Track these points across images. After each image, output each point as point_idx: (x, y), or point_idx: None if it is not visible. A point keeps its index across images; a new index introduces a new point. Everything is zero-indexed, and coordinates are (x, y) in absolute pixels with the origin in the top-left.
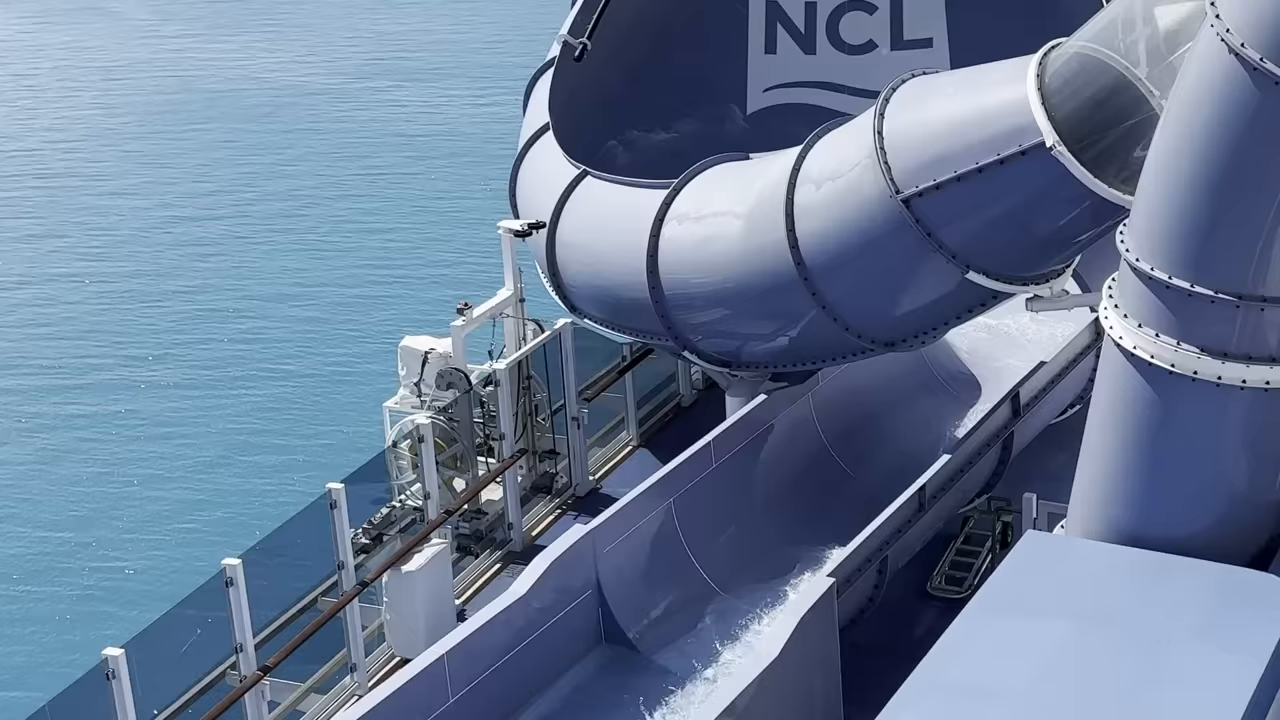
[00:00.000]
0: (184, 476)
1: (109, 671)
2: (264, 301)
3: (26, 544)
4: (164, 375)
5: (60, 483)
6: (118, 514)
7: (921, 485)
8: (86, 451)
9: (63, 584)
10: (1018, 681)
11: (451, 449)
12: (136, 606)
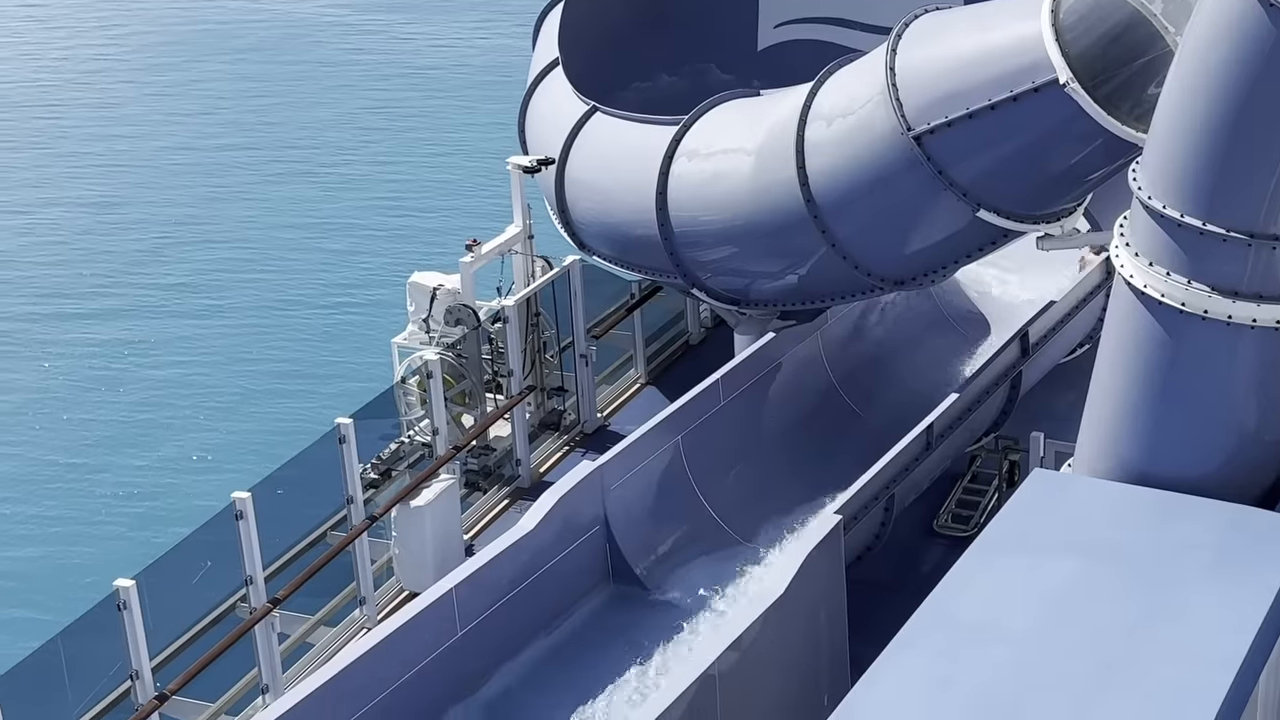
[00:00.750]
0: (193, 408)
1: (120, 602)
2: (272, 234)
3: (38, 468)
4: (173, 306)
5: (71, 409)
6: (127, 443)
7: (929, 424)
8: (96, 380)
9: (73, 511)
10: (1023, 618)
11: (460, 385)
12: (147, 537)
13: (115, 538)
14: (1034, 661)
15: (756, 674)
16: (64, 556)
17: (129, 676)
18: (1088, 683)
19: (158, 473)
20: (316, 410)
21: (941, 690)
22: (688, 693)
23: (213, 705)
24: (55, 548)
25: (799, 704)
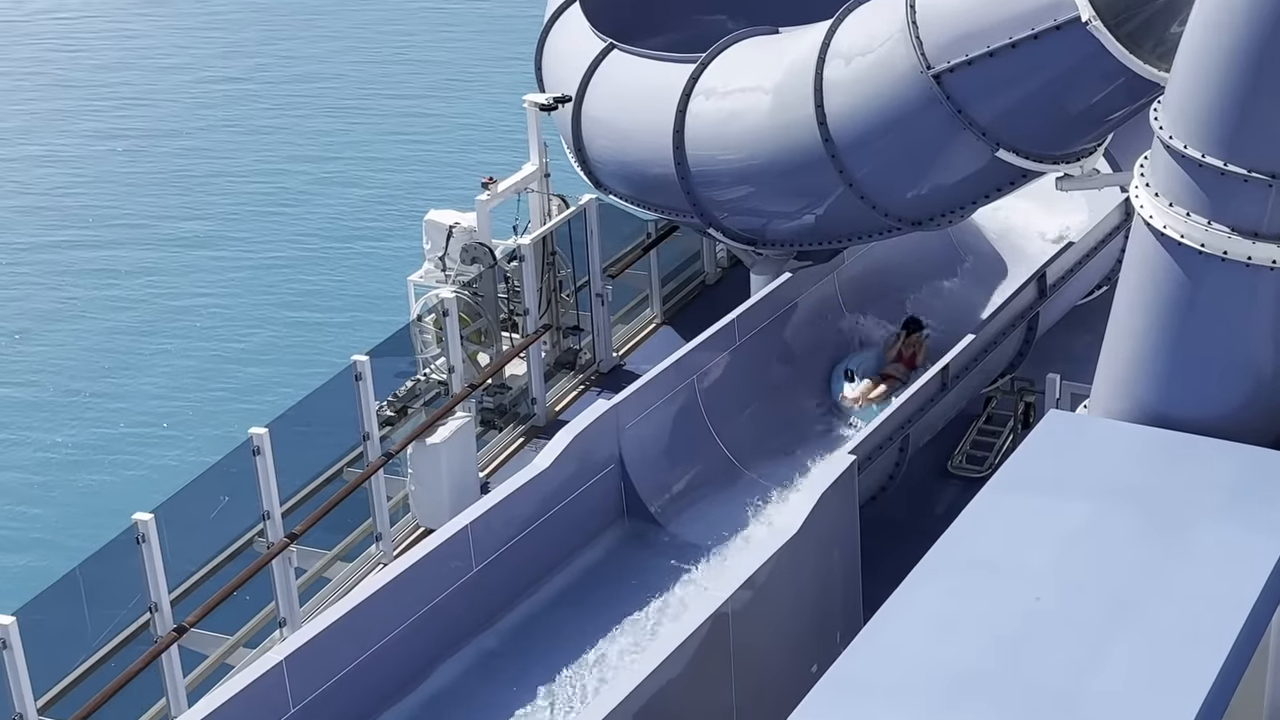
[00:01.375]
0: (211, 344)
1: (139, 535)
2: (288, 169)
3: (55, 396)
4: (190, 238)
5: (89, 339)
6: (146, 376)
7: (944, 365)
8: (115, 311)
9: (92, 442)
10: (1037, 558)
11: (476, 324)
12: (165, 470)
13: (133, 470)
14: (1046, 601)
15: (769, 612)
16: (83, 487)
17: (148, 609)
18: (1100, 623)
19: (175, 406)
20: (333, 347)
21: (954, 629)
22: (700, 630)
23: (231, 638)
24: (74, 478)
25: (812, 642)
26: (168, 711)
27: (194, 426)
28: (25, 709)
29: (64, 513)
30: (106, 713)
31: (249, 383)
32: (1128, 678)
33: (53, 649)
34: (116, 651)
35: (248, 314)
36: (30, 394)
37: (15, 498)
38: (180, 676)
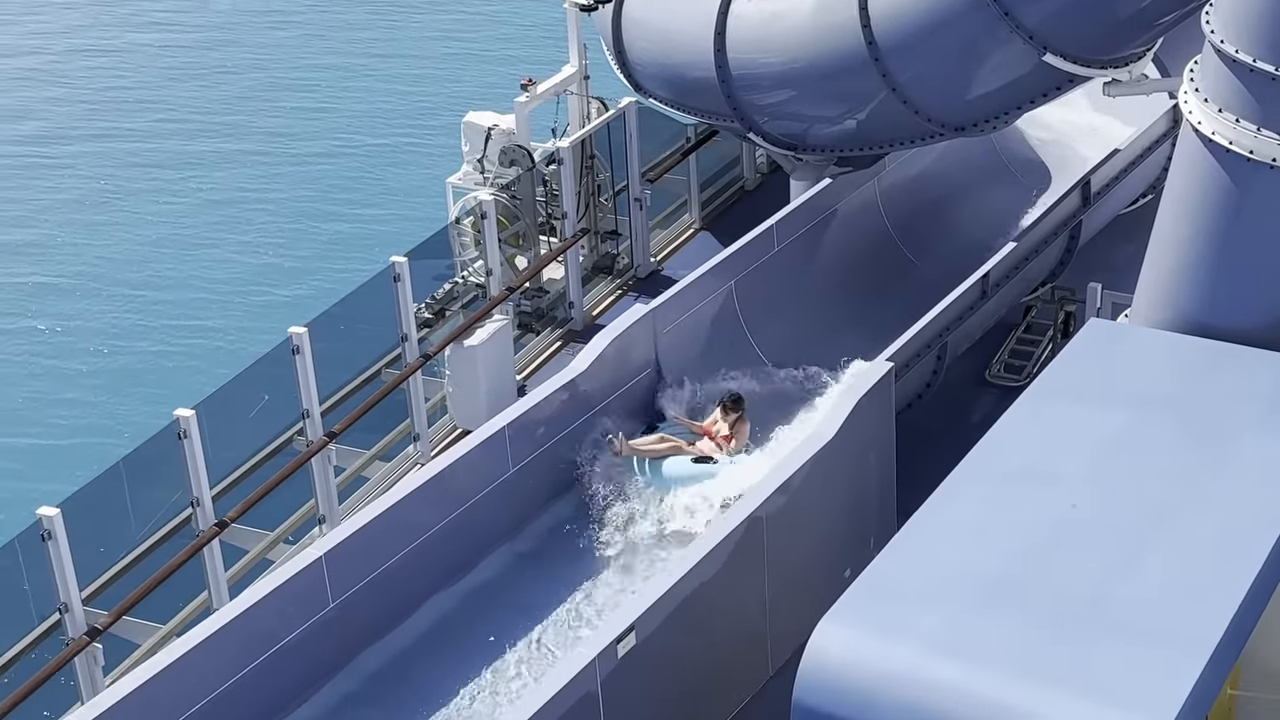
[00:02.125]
0: (252, 245)
1: (180, 431)
2: (329, 69)
3: (102, 286)
4: (229, 147)
5: (133, 245)
6: (189, 273)
7: (985, 272)
8: (157, 216)
9: (135, 343)
10: (1073, 466)
11: (514, 227)
12: (206, 367)
13: (174, 367)
14: (1082, 509)
15: (803, 517)
16: (128, 379)
17: (190, 503)
18: (1135, 531)
19: (218, 303)
20: (372, 248)
21: (987, 535)
22: (735, 533)
23: (271, 534)
24: (119, 370)
25: (846, 548)
26: (209, 604)
27: (236, 321)
28: (70, 599)
29: (109, 405)
30: (149, 605)
31: (289, 281)
32: (1161, 586)
33: (96, 541)
34: (159, 545)
35: (288, 211)
36: (77, 284)
37: (64, 387)
38: (221, 570)
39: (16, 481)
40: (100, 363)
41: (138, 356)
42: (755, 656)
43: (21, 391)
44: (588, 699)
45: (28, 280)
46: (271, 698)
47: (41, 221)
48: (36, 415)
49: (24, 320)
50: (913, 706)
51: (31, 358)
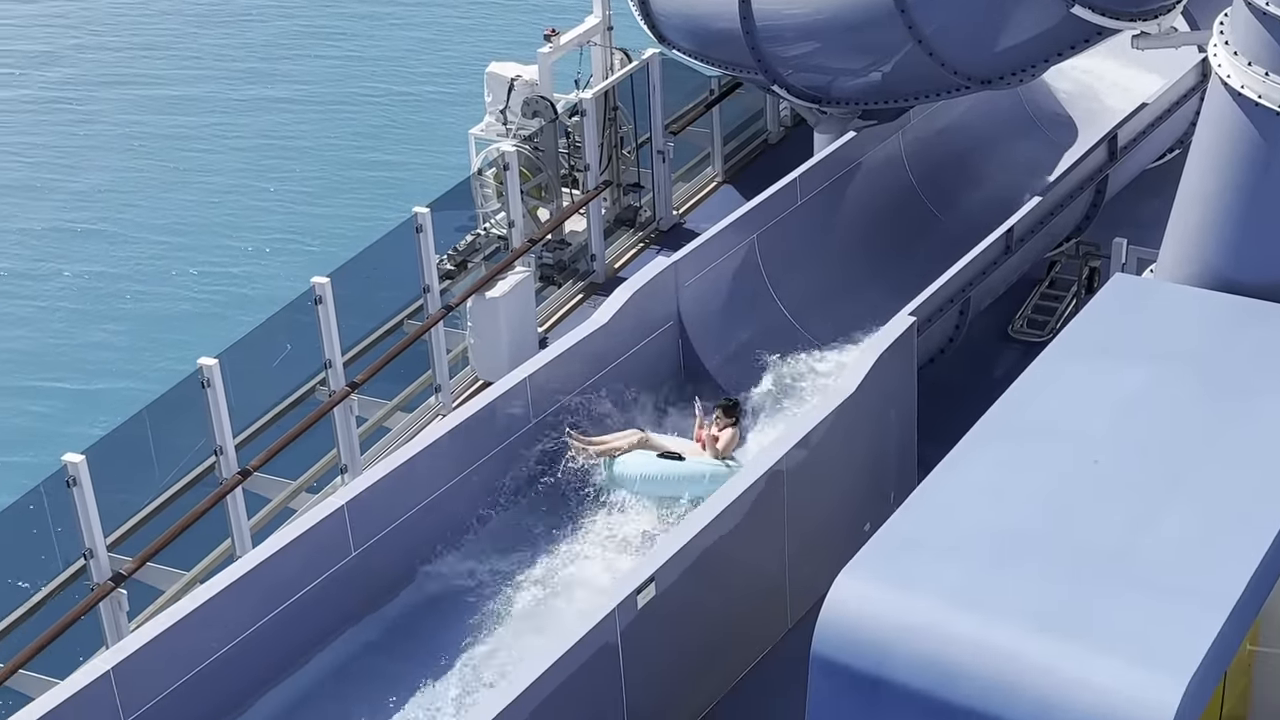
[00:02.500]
0: (275, 193)
1: (204, 379)
2: (355, 22)
3: (124, 230)
4: (254, 94)
5: (157, 191)
6: (212, 224)
7: (1009, 227)
8: (182, 163)
9: (158, 289)
10: (1096, 422)
11: (536, 178)
12: (231, 317)
13: (198, 314)
14: (1104, 465)
15: (824, 471)
16: (149, 330)
17: (213, 452)
18: (1157, 487)
19: (241, 251)
20: (394, 199)
21: (1008, 490)
22: (755, 486)
23: (293, 482)
24: (140, 322)
25: (865, 502)
26: (232, 552)
27: (259, 269)
28: (95, 544)
29: (134, 351)
30: (173, 551)
31: (312, 230)
32: (1182, 541)
33: (121, 488)
34: (183, 493)
35: (312, 160)
36: (103, 230)
37: (89, 333)
38: (245, 518)
39: (43, 424)
40: (125, 309)
41: (162, 303)
42: (774, 609)
43: (47, 336)
44: (607, 649)
45: (53, 224)
46: (293, 645)
47: (68, 167)
48: (63, 360)
49: (50, 264)
50: (931, 659)
51: (58, 302)
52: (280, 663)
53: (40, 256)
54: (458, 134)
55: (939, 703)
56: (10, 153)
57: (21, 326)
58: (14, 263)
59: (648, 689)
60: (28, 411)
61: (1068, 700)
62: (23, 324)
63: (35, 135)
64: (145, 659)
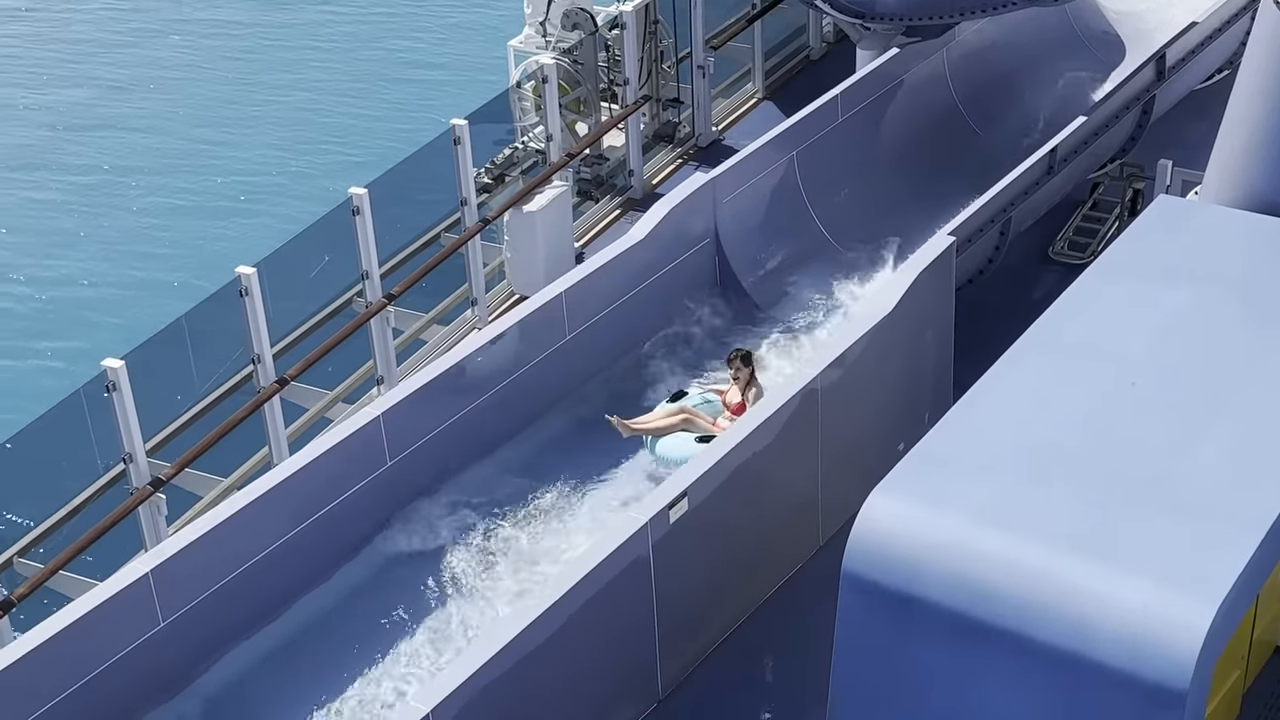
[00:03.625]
0: (314, 102)
1: (242, 289)
2: None
3: (164, 156)
4: (289, 4)
5: (196, 98)
6: (259, 125)
7: (1053, 147)
8: (224, 70)
9: (196, 200)
10: (1135, 343)
11: (575, 92)
12: (270, 224)
13: (237, 223)
14: (1142, 387)
15: (858, 391)
16: (188, 237)
17: (251, 360)
18: (1194, 410)
19: (278, 161)
20: (432, 110)
21: (1044, 410)
22: (789, 404)
23: (330, 393)
24: (179, 229)
25: (899, 421)
26: (269, 460)
27: (297, 179)
28: (134, 449)
29: (173, 258)
30: (211, 458)
31: (349, 141)
32: (1217, 464)
33: (160, 394)
34: (221, 401)
35: (350, 70)
36: (142, 137)
37: (128, 239)
38: (281, 427)
39: (87, 328)
40: (163, 216)
41: (201, 211)
42: (806, 527)
43: (86, 243)
44: (639, 563)
45: (97, 119)
46: (328, 552)
47: (107, 63)
48: (102, 267)
49: (92, 158)
50: (961, 576)
51: (96, 207)
52: (315, 569)
53: (78, 159)
54: (498, 45)
55: (968, 620)
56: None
57: (62, 213)
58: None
59: (679, 603)
60: (70, 318)
61: (1098, 620)
62: (62, 211)
63: (82, 31)
64: (183, 562)
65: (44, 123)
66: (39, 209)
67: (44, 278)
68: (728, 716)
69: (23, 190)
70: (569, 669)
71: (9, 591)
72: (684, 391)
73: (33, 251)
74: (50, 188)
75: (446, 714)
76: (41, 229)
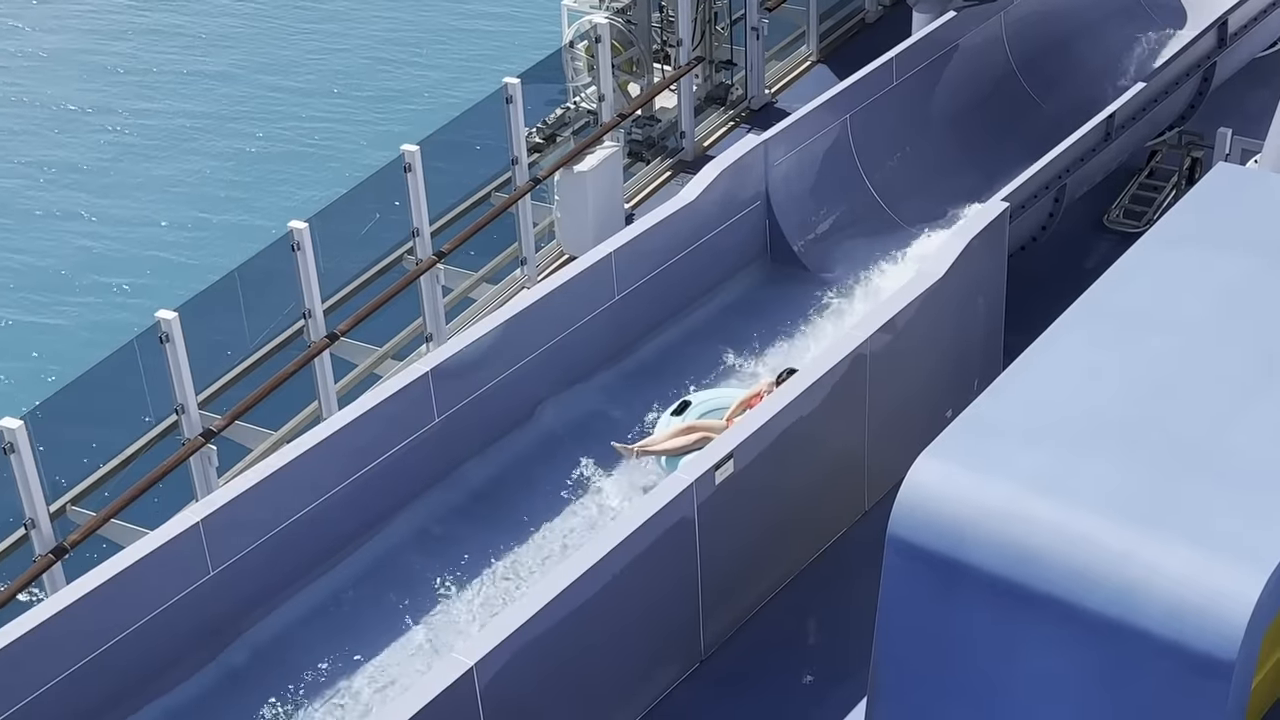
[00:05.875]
0: (366, 58)
1: (294, 243)
2: None
3: (243, 89)
4: None
5: (265, 39)
6: (311, 82)
7: (1110, 113)
8: (283, 25)
9: (245, 167)
10: (1190, 311)
11: (628, 52)
12: (320, 181)
13: (287, 177)
14: (1197, 355)
15: (907, 356)
16: (239, 193)
17: (302, 315)
18: (1250, 381)
19: (331, 119)
20: (484, 69)
21: (1096, 377)
22: (838, 369)
23: (379, 349)
24: (230, 185)
25: (948, 388)
26: (319, 414)
27: (349, 137)
28: (186, 400)
29: (225, 214)
30: (261, 411)
31: (402, 96)
32: (1271, 434)
33: (213, 347)
34: (272, 355)
35: (405, 25)
36: (217, 88)
37: (180, 200)
38: (331, 381)
39: (140, 280)
40: (213, 171)
41: (251, 168)
42: (851, 492)
43: (134, 196)
44: (683, 524)
45: (168, 66)
46: (376, 507)
47: (184, 11)
48: (151, 228)
49: (167, 102)
50: (1008, 543)
51: (168, 150)
52: (363, 524)
53: (157, 95)
54: (552, 3)
55: (1015, 586)
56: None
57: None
58: (132, 100)
59: (722, 564)
60: (124, 270)
61: (1146, 588)
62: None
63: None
64: (233, 513)
65: (118, 68)
66: (115, 151)
67: (117, 217)
68: (770, 678)
69: (98, 134)
70: (612, 626)
71: (63, 538)
72: (687, 402)
73: (108, 193)
74: (127, 132)
75: (490, 668)
76: (119, 170)
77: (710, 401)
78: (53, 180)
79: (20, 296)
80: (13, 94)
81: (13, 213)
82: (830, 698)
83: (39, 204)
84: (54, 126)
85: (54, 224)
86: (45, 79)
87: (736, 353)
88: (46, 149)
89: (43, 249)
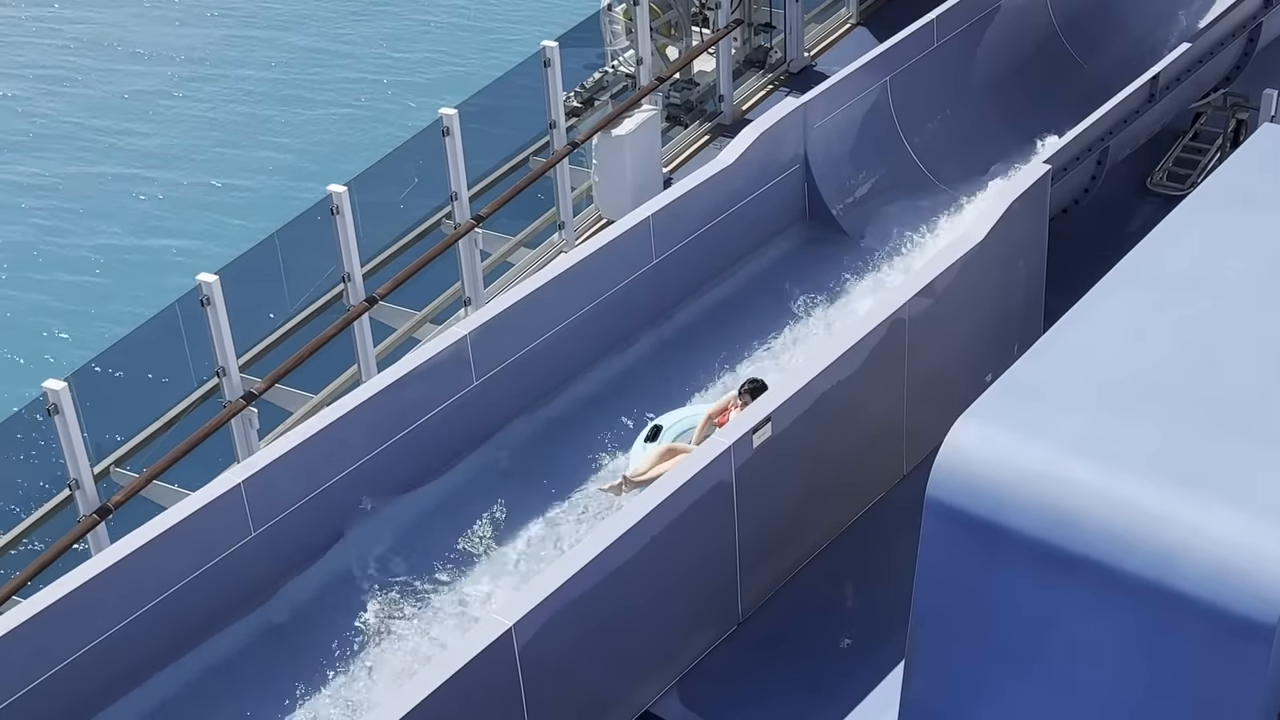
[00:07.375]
0: (406, 30)
1: (333, 207)
2: None
3: (260, 69)
4: None
5: (292, 29)
6: (340, 55)
7: (1154, 74)
8: None
9: (279, 133)
10: (1235, 273)
11: (666, 15)
12: (359, 145)
13: (327, 142)
14: (1240, 318)
15: (948, 320)
16: (275, 160)
17: (341, 279)
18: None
19: (367, 84)
20: (522, 30)
21: (1138, 339)
22: (877, 332)
23: (418, 313)
24: (267, 151)
25: (988, 353)
26: (358, 377)
27: (385, 101)
28: (227, 363)
29: (262, 180)
30: (301, 374)
31: (438, 62)
32: None
33: (253, 310)
34: (312, 319)
35: None
36: (243, 70)
37: (218, 164)
38: (370, 345)
39: (183, 240)
40: (251, 136)
41: (290, 133)
42: (890, 456)
43: (177, 162)
44: (721, 487)
45: (209, 36)
46: (415, 468)
47: None
48: (192, 195)
49: (210, 68)
50: (1048, 505)
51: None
52: (406, 483)
53: (203, 62)
54: None
55: (1054, 549)
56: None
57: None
58: (181, 68)
59: (760, 527)
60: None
61: (1187, 551)
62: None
63: None
64: (274, 474)
65: (177, 19)
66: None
67: (167, 180)
68: (807, 641)
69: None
70: (650, 588)
71: (107, 499)
72: (659, 426)
73: (162, 153)
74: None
75: (529, 628)
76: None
77: (682, 422)
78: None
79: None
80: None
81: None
82: (868, 661)
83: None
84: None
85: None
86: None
87: (774, 318)
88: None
89: (105, 212)
